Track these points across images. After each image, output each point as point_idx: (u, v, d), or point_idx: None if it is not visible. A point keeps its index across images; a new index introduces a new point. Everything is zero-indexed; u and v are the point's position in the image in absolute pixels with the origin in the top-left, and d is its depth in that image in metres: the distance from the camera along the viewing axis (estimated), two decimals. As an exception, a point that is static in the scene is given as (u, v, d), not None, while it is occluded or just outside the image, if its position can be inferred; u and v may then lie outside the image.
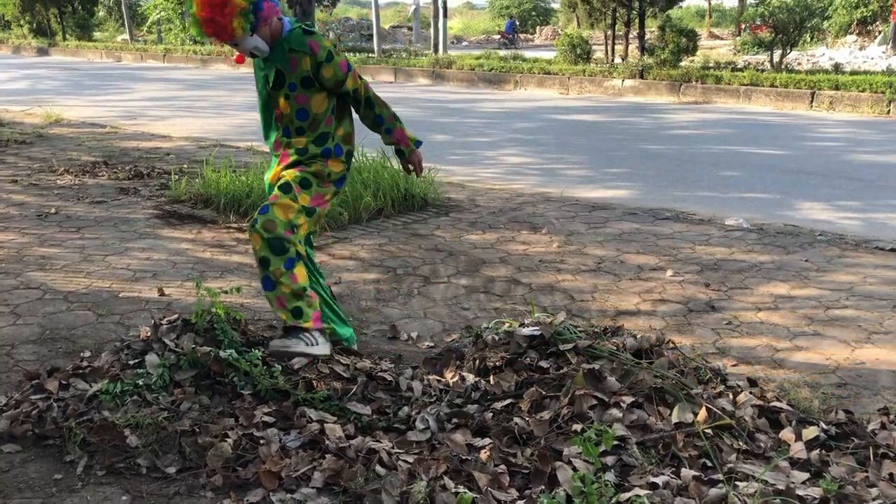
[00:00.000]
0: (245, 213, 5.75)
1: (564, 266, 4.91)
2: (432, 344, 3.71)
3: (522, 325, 3.36)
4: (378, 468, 2.52)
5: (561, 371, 2.99)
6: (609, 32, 18.14)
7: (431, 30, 20.16)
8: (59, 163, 7.77)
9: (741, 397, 2.92)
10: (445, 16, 19.42)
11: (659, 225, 5.90)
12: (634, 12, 17.33)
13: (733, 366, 3.51)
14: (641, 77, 15.17)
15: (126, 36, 28.95)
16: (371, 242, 5.34)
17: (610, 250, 5.25)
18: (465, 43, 40.47)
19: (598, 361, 3.04)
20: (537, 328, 3.26)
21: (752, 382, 3.11)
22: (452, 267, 4.86)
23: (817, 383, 3.33)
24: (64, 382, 3.04)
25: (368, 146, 6.57)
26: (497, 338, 3.32)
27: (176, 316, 3.39)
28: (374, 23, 20.08)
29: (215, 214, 5.88)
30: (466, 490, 2.33)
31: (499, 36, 38.22)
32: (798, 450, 2.67)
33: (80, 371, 3.12)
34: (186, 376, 3.02)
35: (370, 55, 19.53)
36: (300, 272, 3.12)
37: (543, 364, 3.08)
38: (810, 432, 2.78)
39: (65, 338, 3.64)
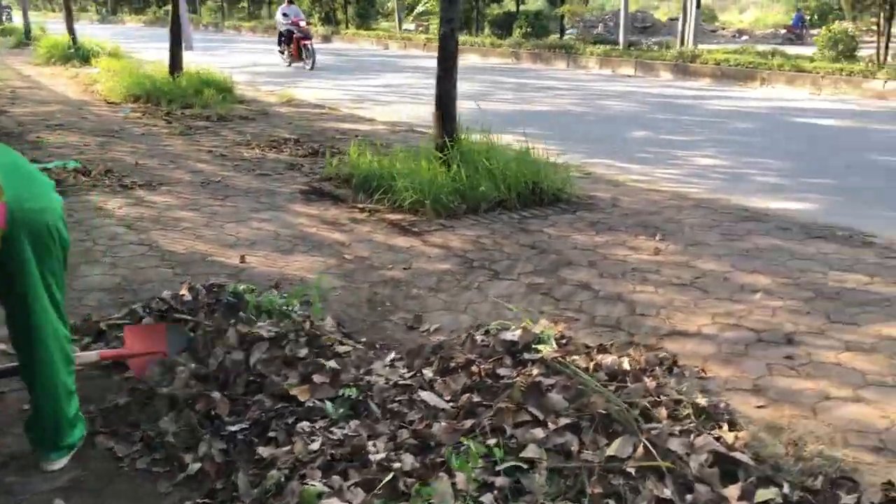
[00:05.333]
0: (372, 192, 5.98)
1: (655, 277, 4.51)
2: (446, 337, 3.62)
3: (505, 328, 3.18)
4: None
5: (510, 380, 2.80)
6: (885, 27, 15.99)
7: (679, 20, 19.15)
8: (256, 138, 8.59)
9: (699, 440, 2.53)
10: (698, 6, 18.32)
11: (806, 244, 5.18)
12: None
13: (758, 406, 3.04)
14: (911, 78, 13.25)
15: (409, 26, 30.83)
16: (472, 234, 5.29)
17: (723, 265, 4.72)
18: (745, 37, 37.88)
19: (558, 377, 2.81)
20: (517, 334, 3.07)
21: (731, 425, 2.68)
22: (532, 265, 4.68)
23: (846, 442, 2.78)
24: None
25: (491, 131, 6.51)
26: (482, 339, 3.18)
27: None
28: (622, 12, 19.50)
29: (349, 193, 6.18)
30: (318, 486, 2.29)
31: (784, 31, 35.34)
32: (731, 511, 2.28)
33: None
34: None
35: (614, 47, 19.04)
36: None
37: (502, 371, 2.90)
38: (766, 494, 2.35)
39: (133, 290, 4.08)
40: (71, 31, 18.11)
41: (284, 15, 18.38)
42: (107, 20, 48.36)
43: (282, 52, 18.60)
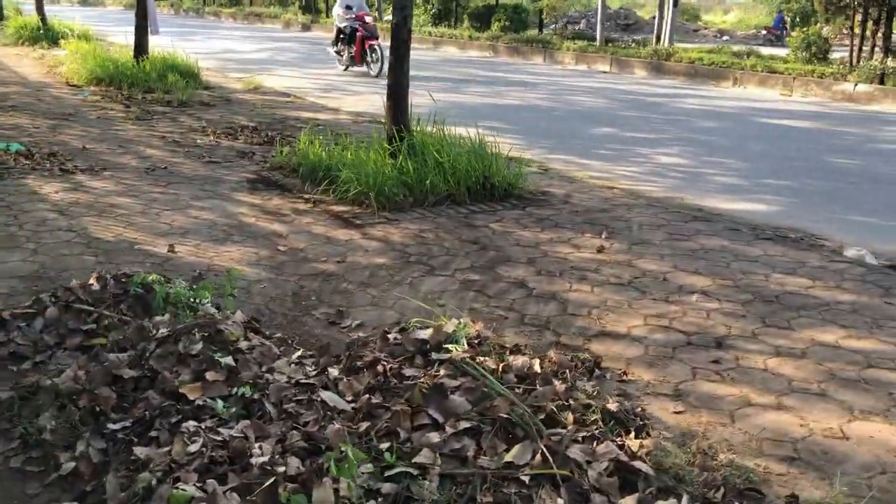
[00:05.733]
0: (319, 183, 5.84)
1: (593, 276, 4.42)
2: (365, 334, 3.51)
3: (423, 327, 3.08)
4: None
5: (414, 381, 2.69)
6: (858, 31, 16.02)
7: (656, 18, 19.09)
8: (213, 125, 8.42)
9: (601, 448, 2.43)
10: (675, 5, 18.24)
11: (752, 245, 5.11)
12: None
13: (676, 412, 2.95)
14: (881, 82, 13.25)
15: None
16: (415, 227, 5.17)
17: (664, 266, 4.64)
18: (725, 37, 37.95)
19: (464, 378, 2.70)
20: (429, 333, 2.96)
21: (638, 432, 2.58)
22: (470, 261, 4.57)
23: (760, 451, 2.70)
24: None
25: (455, 123, 6.38)
26: (395, 338, 3.07)
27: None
28: (600, 8, 19.43)
29: (296, 182, 6.04)
30: (189, 489, 2.17)
31: (765, 31, 35.43)
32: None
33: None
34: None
35: (591, 43, 18.94)
36: None
37: (409, 371, 2.80)
38: (664, 506, 2.26)
39: (49, 278, 3.93)
40: (41, 11, 17.79)
41: (347, 7, 14.69)
42: (88, 3, 47.72)
43: (339, 53, 15.01)
